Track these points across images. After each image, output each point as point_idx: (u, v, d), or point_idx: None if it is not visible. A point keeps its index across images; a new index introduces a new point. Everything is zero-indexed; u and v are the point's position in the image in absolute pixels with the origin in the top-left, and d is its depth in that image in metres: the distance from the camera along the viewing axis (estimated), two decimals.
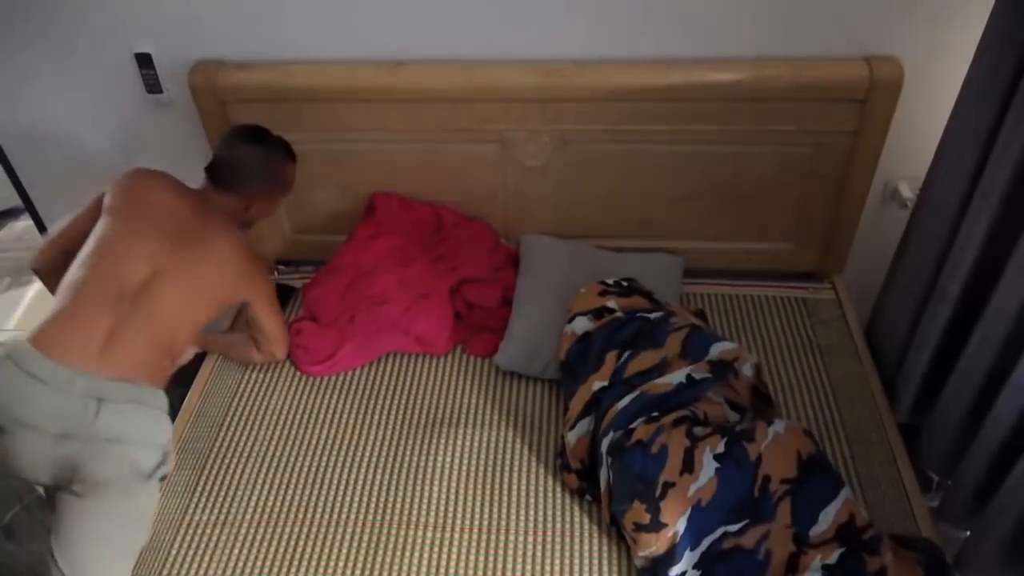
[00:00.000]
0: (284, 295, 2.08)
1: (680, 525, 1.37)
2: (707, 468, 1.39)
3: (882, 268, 1.92)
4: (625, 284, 1.80)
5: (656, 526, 1.38)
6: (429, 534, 1.51)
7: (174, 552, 1.52)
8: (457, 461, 1.64)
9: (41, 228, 2.33)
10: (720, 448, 1.41)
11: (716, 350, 1.60)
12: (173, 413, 1.79)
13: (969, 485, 1.52)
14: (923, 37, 1.71)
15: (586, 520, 1.53)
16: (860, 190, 1.89)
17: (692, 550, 1.36)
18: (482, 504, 1.56)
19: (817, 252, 2.04)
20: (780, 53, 1.76)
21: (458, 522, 1.53)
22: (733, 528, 1.36)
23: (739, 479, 1.39)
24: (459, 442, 1.68)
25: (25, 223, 3.15)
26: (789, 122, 1.80)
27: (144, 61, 1.87)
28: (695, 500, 1.38)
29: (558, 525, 1.52)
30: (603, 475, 1.49)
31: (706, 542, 1.36)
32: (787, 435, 1.43)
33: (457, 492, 1.58)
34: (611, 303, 1.74)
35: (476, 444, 1.67)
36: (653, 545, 1.38)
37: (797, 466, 1.40)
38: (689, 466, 1.40)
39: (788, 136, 1.83)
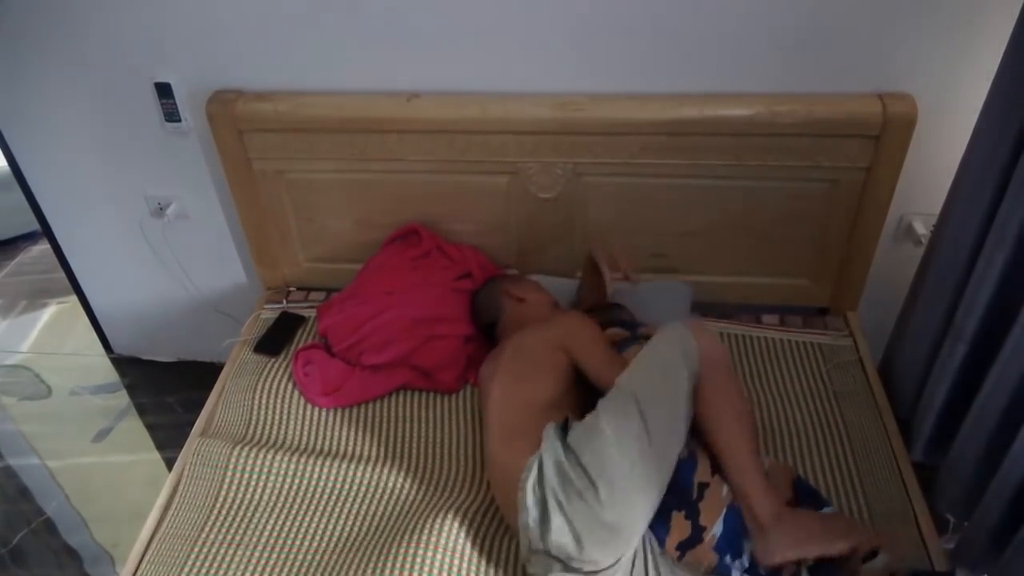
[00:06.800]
0: (293, 324, 2.08)
1: (717, 528, 1.35)
2: None
3: (896, 304, 1.90)
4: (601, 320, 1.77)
5: (697, 536, 1.35)
6: (442, 563, 1.46)
7: (187, 570, 1.51)
8: (469, 499, 1.61)
9: (58, 252, 2.36)
10: None
11: None
12: (186, 434, 1.80)
13: (987, 527, 1.49)
14: (937, 73, 1.71)
15: None
16: (874, 226, 1.88)
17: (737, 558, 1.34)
18: (492, 537, 1.53)
19: (830, 287, 2.03)
20: (793, 89, 1.76)
21: (473, 554, 1.49)
22: None
23: None
24: (467, 478, 1.67)
25: (42, 247, 3.19)
26: (802, 158, 1.80)
27: (164, 91, 1.90)
28: (728, 500, 1.37)
29: None
30: None
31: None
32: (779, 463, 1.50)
33: (470, 527, 1.53)
34: None
35: (485, 481, 1.65)
36: (703, 561, 1.35)
37: (792, 487, 1.44)
38: (720, 469, 1.42)
39: (801, 172, 1.83)
